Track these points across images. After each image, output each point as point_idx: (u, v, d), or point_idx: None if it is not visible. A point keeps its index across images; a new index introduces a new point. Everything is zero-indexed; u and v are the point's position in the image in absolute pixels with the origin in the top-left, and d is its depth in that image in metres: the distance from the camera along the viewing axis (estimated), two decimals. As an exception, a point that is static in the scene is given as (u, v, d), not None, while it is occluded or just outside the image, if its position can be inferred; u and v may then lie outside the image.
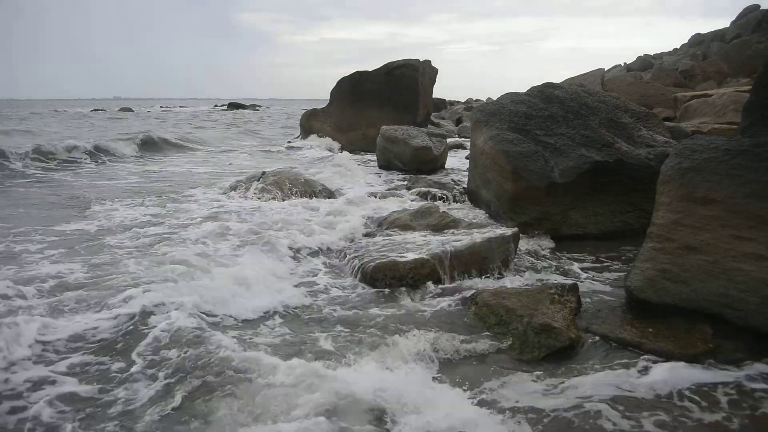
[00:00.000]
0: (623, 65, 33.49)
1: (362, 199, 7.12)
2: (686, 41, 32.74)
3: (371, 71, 15.73)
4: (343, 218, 5.97)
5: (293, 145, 16.33)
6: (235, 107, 56.32)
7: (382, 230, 5.48)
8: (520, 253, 4.81)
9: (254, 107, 60.57)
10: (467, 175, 7.57)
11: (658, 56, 32.66)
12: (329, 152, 13.92)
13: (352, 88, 15.75)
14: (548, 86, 6.60)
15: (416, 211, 5.66)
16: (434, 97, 20.36)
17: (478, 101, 38.38)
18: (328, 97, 16.42)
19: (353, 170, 9.88)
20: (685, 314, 3.26)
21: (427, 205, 5.94)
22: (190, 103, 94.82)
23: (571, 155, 5.57)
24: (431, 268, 4.20)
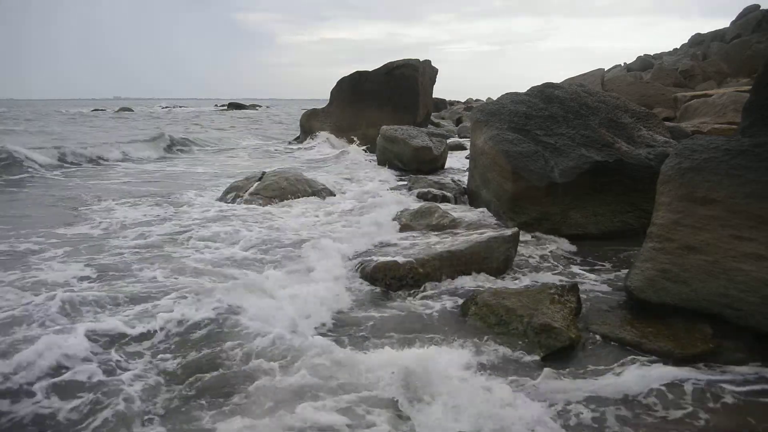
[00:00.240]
0: (623, 65, 33.50)
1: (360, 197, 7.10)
2: (686, 41, 32.77)
3: (371, 71, 15.72)
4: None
5: (293, 145, 16.32)
6: (235, 107, 56.11)
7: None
8: (520, 252, 4.81)
9: (254, 107, 60.50)
10: (467, 175, 7.57)
11: (658, 56, 32.68)
12: (330, 151, 13.91)
13: (352, 88, 15.75)
14: (548, 86, 6.60)
15: (416, 211, 5.66)
16: (434, 97, 20.35)
17: (478, 101, 38.38)
18: (328, 97, 16.42)
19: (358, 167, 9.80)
20: (685, 314, 3.27)
21: (427, 205, 5.94)
22: (190, 103, 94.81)
23: (571, 155, 5.57)
24: (431, 268, 4.20)
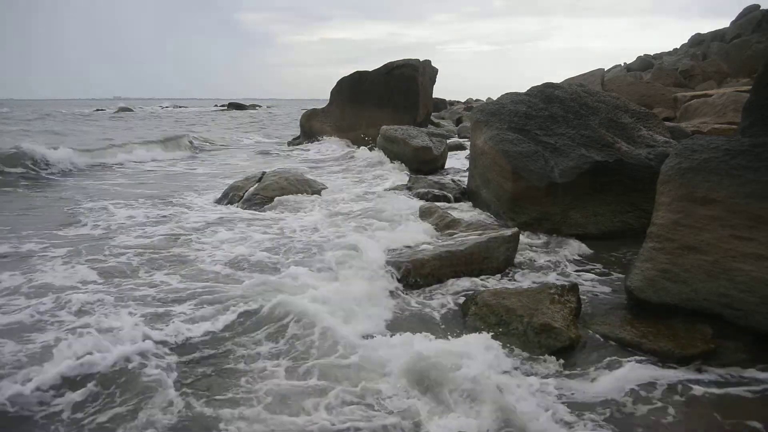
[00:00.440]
0: (623, 65, 33.49)
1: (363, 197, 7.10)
2: (686, 41, 32.74)
3: (371, 71, 15.73)
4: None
5: (293, 145, 16.31)
6: (235, 107, 56.07)
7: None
8: (520, 252, 4.80)
9: (254, 107, 60.47)
10: (467, 175, 7.57)
11: (658, 56, 32.65)
12: (330, 151, 13.91)
13: (352, 88, 15.75)
14: (548, 86, 6.60)
15: (416, 211, 5.67)
16: (434, 97, 20.34)
17: (478, 101, 38.34)
18: (328, 97, 16.42)
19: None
20: (685, 314, 3.26)
21: (427, 205, 5.94)
22: (190, 103, 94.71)
23: (571, 155, 5.56)
24: (431, 268, 4.20)
